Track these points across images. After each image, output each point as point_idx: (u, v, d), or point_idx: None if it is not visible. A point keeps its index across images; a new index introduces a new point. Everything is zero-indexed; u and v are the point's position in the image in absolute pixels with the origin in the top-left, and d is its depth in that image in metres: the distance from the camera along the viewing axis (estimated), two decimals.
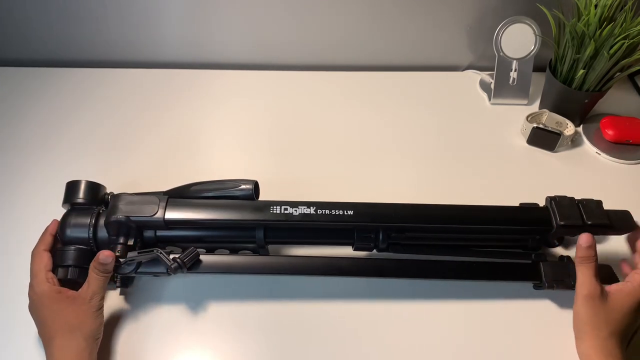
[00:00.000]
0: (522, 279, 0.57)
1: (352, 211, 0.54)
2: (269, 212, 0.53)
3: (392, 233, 0.56)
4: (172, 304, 0.57)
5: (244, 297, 0.58)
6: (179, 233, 0.56)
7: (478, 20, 0.85)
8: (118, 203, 0.53)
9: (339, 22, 0.85)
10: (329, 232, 0.58)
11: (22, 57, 0.89)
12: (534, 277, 0.56)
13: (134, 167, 0.72)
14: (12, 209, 0.67)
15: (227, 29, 0.85)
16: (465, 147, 0.77)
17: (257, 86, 0.86)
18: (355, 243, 0.56)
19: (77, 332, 0.48)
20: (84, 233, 0.53)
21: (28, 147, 0.75)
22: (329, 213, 0.53)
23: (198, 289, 0.58)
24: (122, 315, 0.56)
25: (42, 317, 0.49)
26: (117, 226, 0.53)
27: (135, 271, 0.53)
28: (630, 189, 0.71)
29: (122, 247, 0.52)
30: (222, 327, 0.56)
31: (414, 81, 0.89)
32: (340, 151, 0.76)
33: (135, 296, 0.58)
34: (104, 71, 0.88)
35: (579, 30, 0.68)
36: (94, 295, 0.50)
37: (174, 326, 0.56)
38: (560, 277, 0.55)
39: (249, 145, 0.76)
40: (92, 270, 0.51)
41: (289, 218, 0.53)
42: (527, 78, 0.82)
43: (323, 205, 0.54)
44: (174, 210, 0.53)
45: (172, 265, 0.52)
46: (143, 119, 0.80)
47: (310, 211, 0.53)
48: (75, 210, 0.55)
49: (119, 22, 0.84)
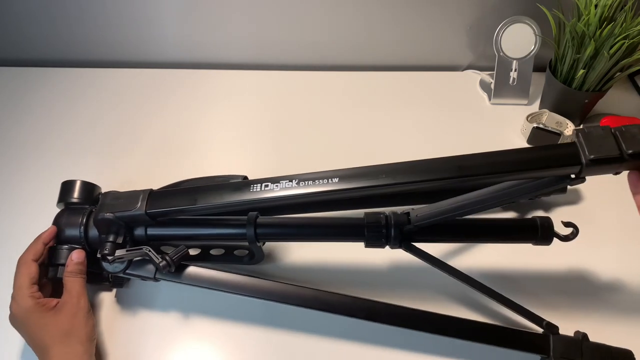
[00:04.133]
0: (528, 350, 0.51)
1: (337, 178, 0.47)
2: (248, 191, 0.48)
3: (404, 227, 0.50)
4: (166, 306, 0.57)
5: (235, 303, 0.57)
6: (169, 232, 0.55)
7: (478, 20, 0.85)
8: (105, 200, 0.52)
9: (338, 23, 0.85)
10: (337, 229, 0.54)
11: (15, 57, 0.89)
12: (542, 351, 0.50)
13: (130, 167, 0.72)
14: (8, 209, 0.66)
15: (226, 29, 0.85)
16: (465, 147, 0.76)
17: (256, 86, 0.86)
18: (367, 239, 0.52)
19: (72, 337, 0.48)
20: (75, 232, 0.53)
21: (26, 147, 0.75)
22: (312, 184, 0.47)
23: (191, 293, 0.58)
24: (116, 316, 0.56)
25: (30, 331, 0.48)
26: (106, 224, 0.52)
27: (124, 271, 0.52)
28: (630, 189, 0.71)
29: (111, 245, 0.51)
30: (215, 331, 0.56)
31: (414, 81, 0.89)
32: (340, 151, 0.76)
33: (129, 297, 0.58)
34: (102, 71, 0.88)
35: (579, 30, 0.68)
36: (80, 297, 0.50)
37: (166, 329, 0.55)
38: (571, 357, 0.49)
39: (249, 146, 0.76)
40: (68, 276, 0.50)
41: (285, 192, 0.47)
42: (527, 78, 0.82)
43: (305, 176, 0.48)
44: (156, 202, 0.51)
45: (160, 263, 0.51)
46: (140, 118, 0.80)
47: (293, 184, 0.48)
48: (69, 210, 0.55)
49: (118, 21, 0.84)
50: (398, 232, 0.51)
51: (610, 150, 0.41)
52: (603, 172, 0.45)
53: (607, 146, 0.41)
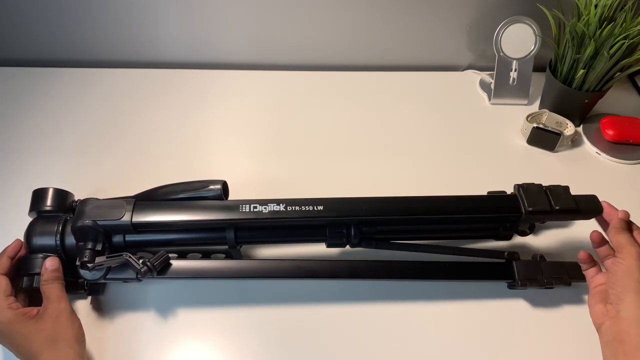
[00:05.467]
0: (496, 278, 0.58)
1: (321, 206, 0.53)
2: (238, 211, 0.52)
3: (363, 227, 0.56)
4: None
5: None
6: (148, 237, 0.54)
7: (478, 20, 0.85)
8: (85, 208, 0.51)
9: (338, 23, 0.85)
10: (301, 230, 0.57)
11: (10, 56, 0.89)
12: (507, 276, 0.57)
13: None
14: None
15: (225, 29, 0.85)
16: (465, 147, 0.77)
17: (256, 86, 0.86)
18: (328, 240, 0.56)
19: (60, 342, 0.47)
20: (51, 241, 0.52)
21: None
22: (298, 209, 0.53)
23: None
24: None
25: (16, 343, 0.47)
26: (85, 231, 0.51)
27: (104, 277, 0.52)
28: (630, 189, 0.71)
29: (90, 252, 0.50)
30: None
31: (414, 81, 0.89)
32: (339, 151, 0.75)
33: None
34: (99, 71, 0.87)
35: (579, 30, 0.68)
36: (60, 301, 0.49)
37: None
38: (533, 276, 0.56)
39: (249, 146, 0.76)
40: (45, 284, 0.50)
41: (259, 216, 0.52)
42: (527, 78, 0.82)
43: (292, 202, 0.53)
44: (141, 212, 0.51)
45: (141, 269, 0.50)
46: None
47: (280, 208, 0.52)
48: (42, 219, 0.54)
49: (116, 21, 0.83)
50: (357, 232, 0.55)
51: (543, 205, 0.54)
52: (536, 221, 0.59)
53: (541, 201, 0.55)
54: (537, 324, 0.57)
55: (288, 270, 0.56)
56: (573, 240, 0.65)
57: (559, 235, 0.65)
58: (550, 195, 0.55)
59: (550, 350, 0.55)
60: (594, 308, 0.50)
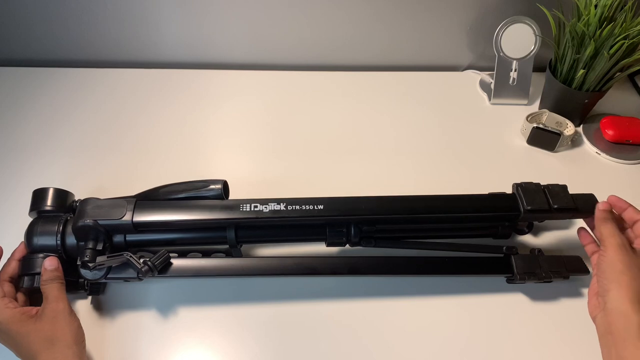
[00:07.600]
0: (495, 272, 0.58)
1: (322, 206, 0.53)
2: (238, 211, 0.53)
3: (363, 226, 0.56)
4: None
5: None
6: (148, 237, 0.55)
7: (478, 20, 0.85)
8: (85, 207, 0.52)
9: (338, 23, 0.85)
10: (301, 229, 0.57)
11: (10, 56, 0.88)
12: (506, 271, 0.57)
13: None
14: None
15: (225, 29, 0.85)
16: (465, 147, 0.77)
17: (256, 86, 0.86)
18: (328, 239, 0.56)
19: (58, 342, 0.47)
20: (51, 241, 0.52)
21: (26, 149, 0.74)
22: (299, 208, 0.53)
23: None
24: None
25: (15, 342, 0.48)
26: (85, 231, 0.51)
27: (105, 277, 0.52)
28: (630, 189, 0.71)
29: (90, 252, 0.50)
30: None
31: (414, 81, 0.89)
32: (339, 151, 0.76)
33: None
34: (99, 71, 0.87)
35: (579, 30, 0.68)
36: (58, 301, 0.49)
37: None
38: (532, 270, 0.56)
39: (249, 145, 0.76)
40: (44, 284, 0.50)
41: (259, 215, 0.52)
42: (527, 78, 0.82)
43: (293, 201, 0.53)
44: (142, 212, 0.52)
45: (142, 269, 0.50)
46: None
47: (281, 207, 0.53)
48: (43, 218, 0.54)
49: (117, 21, 0.83)
50: (357, 231, 0.56)
51: (541, 204, 0.55)
52: (535, 220, 0.61)
53: (539, 200, 0.55)
54: (535, 317, 0.57)
55: (288, 267, 0.56)
56: (571, 237, 0.65)
57: (556, 233, 0.65)
58: (549, 194, 0.56)
59: (549, 343, 0.55)
60: (590, 301, 0.50)
